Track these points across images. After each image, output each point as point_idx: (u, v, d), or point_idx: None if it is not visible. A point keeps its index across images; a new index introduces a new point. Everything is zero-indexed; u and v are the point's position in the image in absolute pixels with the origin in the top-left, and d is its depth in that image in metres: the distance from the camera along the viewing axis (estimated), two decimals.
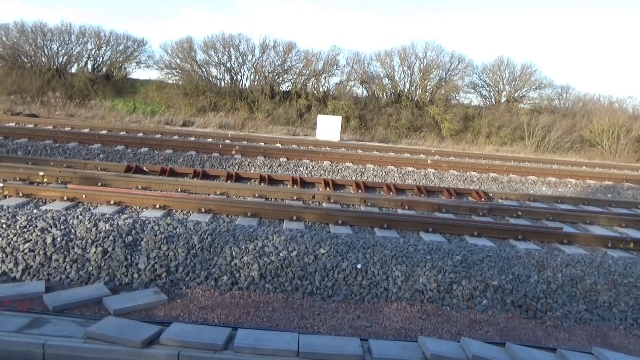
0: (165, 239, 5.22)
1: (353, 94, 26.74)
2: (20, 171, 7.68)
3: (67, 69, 25.73)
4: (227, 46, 25.92)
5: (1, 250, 4.84)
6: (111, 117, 20.92)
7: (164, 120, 21.44)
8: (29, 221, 5.27)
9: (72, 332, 3.60)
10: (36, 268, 4.76)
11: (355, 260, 5.22)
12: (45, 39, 25.45)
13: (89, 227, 5.27)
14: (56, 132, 12.68)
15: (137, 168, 9.13)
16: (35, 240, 4.98)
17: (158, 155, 11.04)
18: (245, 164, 11.10)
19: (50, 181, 7.57)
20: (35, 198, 6.64)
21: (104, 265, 4.85)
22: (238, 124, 21.87)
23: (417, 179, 11.18)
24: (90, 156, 10.57)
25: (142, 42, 27.00)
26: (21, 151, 10.46)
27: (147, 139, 12.87)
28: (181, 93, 25.14)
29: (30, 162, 8.78)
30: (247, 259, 5.09)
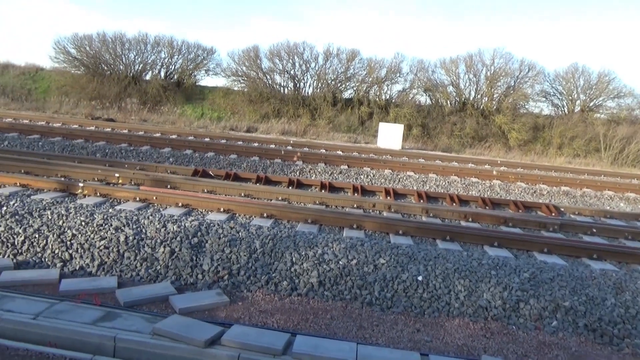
0: (228, 242, 5.37)
1: (416, 101, 26.37)
2: (98, 172, 8.21)
3: (142, 76, 27.27)
4: (291, 54, 26.43)
5: (80, 246, 5.17)
6: (181, 122, 21.91)
7: (229, 126, 22.17)
8: (105, 220, 5.60)
9: (140, 327, 3.77)
10: (110, 264, 5.04)
11: (416, 271, 5.11)
12: (123, 48, 27.15)
13: (158, 228, 5.52)
14: (131, 135, 13.45)
15: (203, 172, 9.48)
16: (110, 238, 5.28)
17: (223, 160, 11.40)
18: (307, 171, 11.21)
19: (124, 182, 8.03)
20: (111, 198, 7.06)
21: (171, 265, 5.05)
22: (300, 130, 22.18)
23: (481, 191, 10.80)
24: (161, 159, 11.10)
25: (211, 50, 28.12)
26: (99, 153, 11.17)
27: (213, 144, 13.34)
28: (246, 100, 25.89)
29: (107, 164, 9.36)
30: (306, 266, 5.12)
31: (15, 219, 5.48)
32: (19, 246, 5.14)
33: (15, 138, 11.82)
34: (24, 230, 5.29)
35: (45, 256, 5.07)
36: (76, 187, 7.15)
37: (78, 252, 5.11)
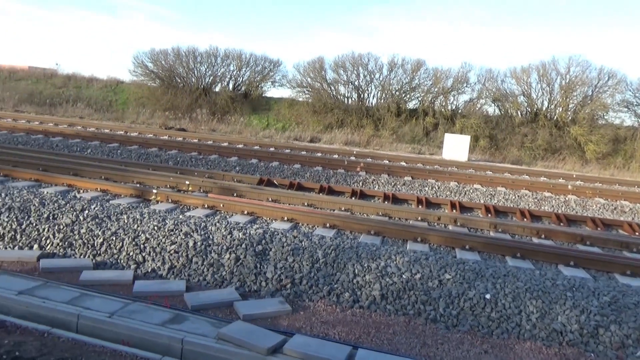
0: (291, 250, 5.42)
1: (483, 112, 25.53)
2: (170, 180, 8.61)
3: (212, 88, 28.44)
4: (356, 65, 26.52)
5: (152, 249, 5.42)
6: (247, 132, 22.57)
7: (293, 136, 22.54)
8: (176, 225, 5.85)
9: (206, 331, 3.87)
10: (179, 268, 5.24)
11: (484, 289, 4.89)
12: (196, 62, 28.48)
13: (224, 235, 5.68)
14: (200, 145, 14.02)
15: (268, 181, 9.68)
16: (180, 243, 5.49)
17: (287, 169, 11.59)
18: (370, 182, 11.14)
19: (194, 190, 8.36)
20: (181, 204, 7.37)
21: (236, 271, 5.17)
22: (363, 141, 22.14)
23: (555, 206, 10.21)
24: (227, 168, 11.47)
25: (278, 62, 28.84)
26: (172, 161, 11.73)
27: (277, 153, 13.61)
28: (310, 110, 26.24)
29: (179, 171, 9.80)
30: (369, 278, 5.06)
31: (95, 222, 5.85)
32: (98, 247, 5.47)
33: (97, 146, 12.68)
34: (102, 232, 5.64)
35: (121, 258, 5.36)
36: (150, 193, 7.54)
37: (150, 256, 5.36)
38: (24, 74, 32.75)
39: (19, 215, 5.94)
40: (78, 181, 8.03)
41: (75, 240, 5.56)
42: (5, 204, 6.14)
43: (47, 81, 31.32)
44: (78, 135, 14.13)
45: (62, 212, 6.05)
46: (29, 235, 5.65)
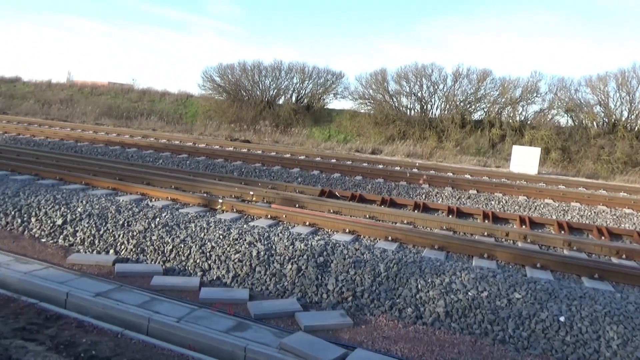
0: (353, 263, 5.38)
1: (555, 123, 24.26)
2: (235, 190, 8.86)
3: (276, 100, 29.12)
4: (419, 76, 26.18)
5: (217, 257, 5.59)
6: (309, 143, 22.85)
7: (354, 147, 22.54)
8: (240, 235, 5.99)
9: (268, 340, 3.91)
10: (242, 277, 5.35)
11: (557, 311, 4.60)
12: (260, 75, 29.32)
13: (287, 245, 5.74)
14: (264, 156, 14.35)
15: (329, 192, 9.71)
16: (244, 252, 5.62)
17: (349, 181, 11.59)
18: (433, 194, 10.89)
19: (257, 200, 8.55)
20: (245, 214, 7.56)
21: (298, 282, 5.20)
22: (426, 153, 21.73)
23: (637, 224, 9.47)
24: (290, 179, 11.64)
25: (340, 75, 29.07)
26: (237, 172, 12.08)
27: (339, 165, 13.65)
28: (372, 122, 26.16)
29: (243, 182, 10.07)
30: (432, 294, 4.91)
31: (165, 229, 6.13)
32: (167, 254, 5.72)
33: (168, 157, 13.32)
34: (172, 240, 5.88)
35: (189, 265, 5.56)
36: (216, 202, 7.79)
37: (216, 263, 5.52)
38: (104, 90, 35.21)
39: (97, 221, 6.33)
40: (150, 190, 8.46)
41: (147, 247, 5.84)
42: (85, 210, 6.58)
43: (124, 96, 33.45)
44: (151, 146, 14.92)
45: (136, 220, 6.38)
46: (106, 241, 6.01)
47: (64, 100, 32.18)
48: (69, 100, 32.31)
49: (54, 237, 6.17)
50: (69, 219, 6.41)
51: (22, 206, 6.75)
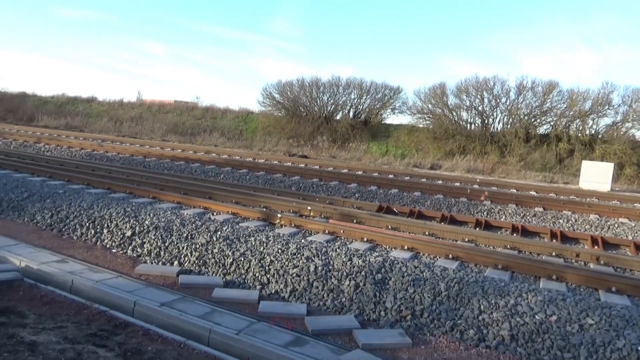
0: (412, 281, 5.26)
1: (630, 136, 22.77)
2: (294, 205, 8.97)
3: (333, 116, 29.39)
4: (480, 89, 25.55)
5: (276, 271, 5.65)
6: (366, 159, 22.80)
7: (412, 162, 22.24)
8: (298, 249, 6.04)
9: (326, 356, 3.89)
10: (300, 292, 5.38)
11: (636, 340, 4.25)
12: (318, 91, 29.76)
13: (344, 261, 5.72)
14: (321, 171, 14.47)
15: (387, 208, 9.61)
16: (302, 267, 5.65)
17: (407, 196, 11.41)
18: (495, 212, 10.49)
19: (315, 215, 8.60)
20: (303, 229, 7.62)
21: (355, 299, 5.15)
22: (487, 168, 21.05)
23: None
24: (347, 194, 11.64)
25: (398, 89, 28.93)
26: (294, 187, 12.24)
27: (397, 180, 13.50)
28: (430, 137, 25.74)
29: (301, 197, 10.18)
30: (496, 316, 4.70)
31: (226, 242, 6.29)
32: (228, 267, 5.86)
33: (229, 172, 13.74)
34: (232, 253, 6.03)
35: (248, 278, 5.67)
36: (275, 217, 7.92)
37: (274, 277, 5.59)
38: (170, 108, 37.04)
39: (163, 234, 6.61)
40: (212, 204, 8.74)
41: (209, 259, 6.01)
42: (153, 223, 6.90)
43: (189, 113, 35.01)
44: (213, 162, 15.47)
45: (199, 233, 6.60)
46: (171, 252, 6.25)
47: (134, 118, 34.15)
48: (138, 118, 34.25)
49: (124, 248, 6.50)
50: (137, 231, 6.74)
51: (95, 218, 7.18)
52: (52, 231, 7.05)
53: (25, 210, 7.73)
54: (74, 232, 6.97)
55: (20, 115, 35.58)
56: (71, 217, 7.28)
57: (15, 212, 7.74)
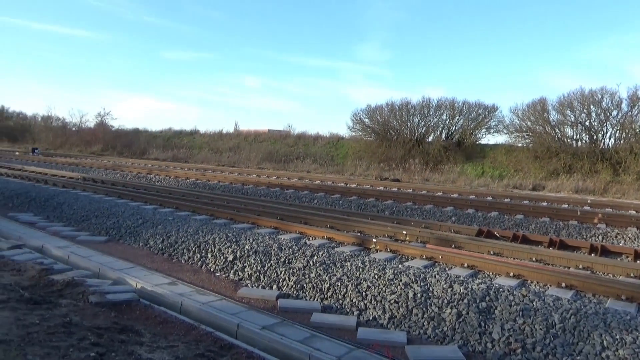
0: (520, 311, 4.89)
1: None
2: (388, 229, 8.84)
3: (425, 138, 28.85)
4: (586, 103, 23.69)
5: (373, 297, 5.56)
6: (461, 181, 21.98)
7: (512, 184, 21.04)
8: (395, 275, 5.90)
9: None
10: (399, 319, 5.22)
11: None
12: (409, 114, 29.46)
13: (444, 288, 5.48)
14: (415, 195, 14.17)
15: (488, 232, 9.12)
16: (399, 293, 5.50)
17: (508, 220, 10.77)
18: (612, 236, 9.51)
19: (411, 240, 8.39)
20: (399, 254, 7.46)
21: (458, 328, 4.89)
22: (599, 188, 19.27)
23: None
24: (443, 218, 11.24)
25: (493, 108, 27.77)
26: (388, 211, 12.09)
27: (496, 203, 12.81)
28: (531, 156, 24.25)
29: (395, 221, 10.01)
30: (623, 353, 4.19)
31: (322, 267, 6.33)
32: (325, 291, 5.87)
33: (322, 197, 13.94)
34: (329, 278, 6.04)
35: (345, 303, 5.63)
36: (370, 242, 7.85)
37: (372, 304, 5.50)
38: (264, 137, 38.80)
39: (262, 258, 6.82)
40: (308, 229, 8.89)
41: (306, 284, 6.08)
42: (252, 248, 7.16)
43: (282, 141, 36.38)
44: (306, 187, 15.82)
45: (295, 257, 6.72)
46: (270, 277, 6.42)
47: (232, 148, 36.21)
48: (236, 147, 36.26)
49: (226, 272, 6.80)
50: (238, 255, 7.02)
51: (200, 243, 7.62)
52: (163, 255, 7.58)
53: (140, 235, 8.42)
54: (182, 256, 7.44)
55: (134, 149, 39.34)
56: (179, 242, 7.80)
57: (131, 237, 8.45)
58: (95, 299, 5.15)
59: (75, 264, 6.78)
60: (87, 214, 9.98)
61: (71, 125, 48.57)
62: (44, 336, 3.89)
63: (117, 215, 9.63)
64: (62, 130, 47.69)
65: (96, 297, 5.21)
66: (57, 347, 3.70)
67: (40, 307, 4.67)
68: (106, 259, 7.00)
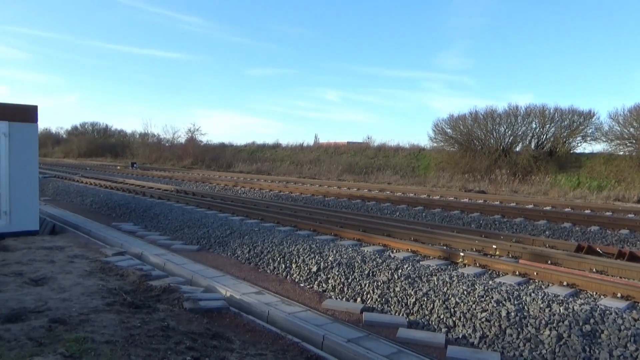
0: (632, 336, 4.42)
1: None
2: (476, 243, 8.45)
3: (512, 148, 27.43)
4: None
5: (462, 314, 5.31)
6: (554, 192, 20.58)
7: (613, 195, 19.34)
8: (486, 292, 5.60)
9: None
10: (491, 338, 4.93)
11: None
12: (494, 123, 28.21)
13: (542, 307, 5.10)
14: (503, 207, 13.46)
15: (589, 248, 8.40)
16: (491, 311, 5.21)
17: (611, 235, 9.88)
18: None
19: (501, 255, 7.96)
20: (489, 269, 7.09)
21: (559, 352, 4.52)
22: None
23: None
24: (536, 232, 10.56)
25: (589, 114, 25.83)
26: (474, 224, 11.59)
27: (595, 216, 11.83)
28: (635, 165, 22.18)
29: (483, 235, 9.56)
30: None
31: (408, 281, 6.17)
32: (410, 306, 5.71)
33: (404, 209, 13.69)
34: (415, 292, 5.87)
35: (432, 320, 5.43)
36: (457, 256, 7.55)
37: (461, 321, 5.25)
38: (344, 149, 39.06)
39: (346, 270, 6.80)
40: (391, 241, 8.75)
41: (391, 298, 5.95)
42: (336, 259, 7.16)
43: (362, 153, 36.39)
44: (388, 199, 15.62)
45: (379, 270, 6.62)
46: (354, 289, 6.37)
47: (312, 161, 36.81)
48: (316, 160, 36.82)
49: (310, 283, 6.85)
50: (322, 267, 7.06)
51: (285, 254, 7.76)
52: (249, 264, 7.82)
53: (228, 245, 8.76)
54: (267, 266, 7.62)
55: (221, 163, 41.32)
56: (265, 252, 8.00)
57: (220, 246, 8.82)
58: (189, 305, 5.41)
59: (171, 271, 7.19)
60: (180, 224, 10.59)
61: (165, 141, 52.17)
62: (145, 339, 4.14)
63: (207, 225, 10.11)
64: (156, 146, 51.35)
65: (190, 303, 5.47)
66: (156, 350, 3.91)
67: (140, 311, 4.99)
68: (198, 267, 7.36)
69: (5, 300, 5.12)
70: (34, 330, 4.24)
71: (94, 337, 4.07)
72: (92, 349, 3.80)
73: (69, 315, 4.67)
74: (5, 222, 8.87)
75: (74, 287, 5.79)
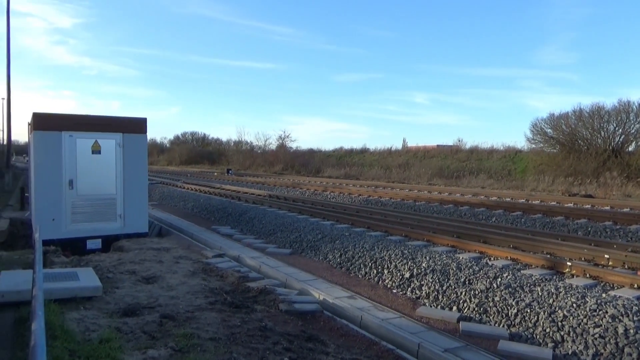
0: None
1: None
2: (584, 252, 7.78)
3: (624, 148, 24.99)
4: None
5: (571, 329, 4.91)
6: None
7: None
8: (599, 305, 5.13)
9: None
10: (606, 357, 4.50)
11: None
12: (602, 121, 25.92)
13: None
14: (614, 213, 12.30)
15: None
16: (606, 327, 4.76)
17: None
18: None
19: (615, 265, 7.25)
20: (601, 281, 6.49)
21: None
22: None
23: None
24: None
25: None
26: (581, 231, 10.69)
27: None
28: None
29: (593, 243, 8.77)
30: None
31: (508, 291, 5.83)
32: (512, 318, 5.39)
33: (501, 215, 12.99)
34: (516, 303, 5.54)
35: (536, 333, 5.08)
36: (563, 265, 7.00)
37: (570, 336, 4.85)
38: (433, 152, 38.07)
39: (440, 277, 6.59)
40: (488, 248, 8.34)
41: (490, 307, 5.66)
42: (429, 266, 6.97)
43: (453, 156, 35.21)
44: (482, 204, 14.93)
45: (477, 278, 6.34)
46: (449, 297, 6.15)
47: (401, 165, 36.30)
48: (405, 164, 36.27)
49: (403, 289, 6.73)
50: (415, 273, 6.90)
51: (376, 259, 7.70)
52: (341, 269, 7.87)
53: (319, 249, 8.89)
54: (358, 271, 7.62)
55: (310, 168, 42.19)
56: (356, 257, 8.01)
57: (312, 251, 8.98)
58: (284, 307, 5.56)
59: (266, 274, 7.45)
60: (273, 228, 10.94)
61: (257, 148, 54.46)
62: (245, 337, 4.32)
63: (298, 230, 10.35)
64: (250, 153, 53.74)
65: (285, 305, 5.62)
66: (256, 349, 4.06)
67: (240, 310, 5.22)
68: (291, 270, 7.55)
69: (123, 296, 5.61)
70: (147, 324, 4.60)
71: (200, 334, 4.33)
72: (199, 345, 4.04)
73: (177, 312, 5.01)
74: (120, 225, 9.76)
75: (180, 285, 6.20)
